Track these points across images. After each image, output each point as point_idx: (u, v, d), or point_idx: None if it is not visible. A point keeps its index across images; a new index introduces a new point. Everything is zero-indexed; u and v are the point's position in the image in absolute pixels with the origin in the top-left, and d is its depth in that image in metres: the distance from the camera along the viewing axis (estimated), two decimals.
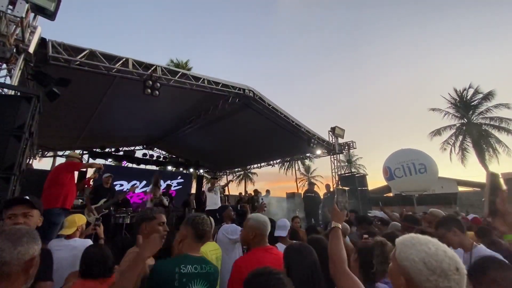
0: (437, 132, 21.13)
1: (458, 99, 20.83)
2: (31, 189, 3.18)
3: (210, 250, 2.29)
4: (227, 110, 7.60)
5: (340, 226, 1.43)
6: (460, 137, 20.25)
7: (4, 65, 3.29)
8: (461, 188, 23.81)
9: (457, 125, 20.58)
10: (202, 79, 6.08)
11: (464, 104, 20.29)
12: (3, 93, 3.10)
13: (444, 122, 21.25)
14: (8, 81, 3.28)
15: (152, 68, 5.29)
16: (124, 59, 4.95)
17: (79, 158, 4.25)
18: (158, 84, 5.29)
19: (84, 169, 4.66)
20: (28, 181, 3.42)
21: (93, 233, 2.91)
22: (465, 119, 20.19)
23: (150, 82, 5.18)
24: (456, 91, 21.02)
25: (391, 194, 21.89)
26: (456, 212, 8.25)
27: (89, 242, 2.37)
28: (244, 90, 6.79)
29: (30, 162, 7.33)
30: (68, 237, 2.32)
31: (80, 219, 2.47)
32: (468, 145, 19.77)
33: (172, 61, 22.01)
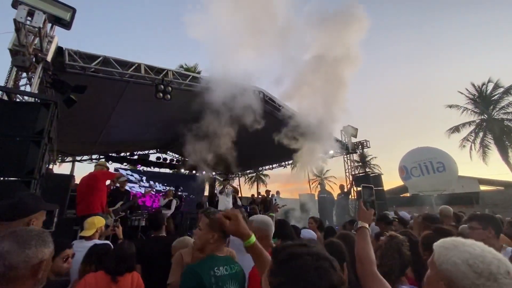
0: (456, 129, 20.26)
1: (477, 94, 19.95)
2: (51, 193, 3.30)
3: None
4: None
5: (367, 226, 1.35)
6: (481, 134, 19.34)
7: (24, 74, 3.43)
8: (483, 187, 22.73)
9: (477, 121, 19.68)
10: None
11: (483, 99, 19.39)
12: (23, 100, 3.23)
13: (463, 118, 20.28)
14: (28, 88, 3.43)
15: (163, 73, 5.39)
16: (136, 65, 5.07)
17: (107, 167, 4.62)
18: (170, 88, 5.38)
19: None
20: (48, 185, 3.54)
21: (111, 234, 2.99)
22: (485, 115, 19.28)
23: (162, 86, 5.29)
24: (474, 86, 20.12)
25: (408, 194, 21.17)
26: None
27: (108, 243, 2.42)
28: (254, 91, 6.78)
29: (50, 167, 7.62)
30: (88, 238, 2.41)
31: (99, 221, 2.55)
32: (490, 142, 18.84)
33: (181, 66, 22.44)
